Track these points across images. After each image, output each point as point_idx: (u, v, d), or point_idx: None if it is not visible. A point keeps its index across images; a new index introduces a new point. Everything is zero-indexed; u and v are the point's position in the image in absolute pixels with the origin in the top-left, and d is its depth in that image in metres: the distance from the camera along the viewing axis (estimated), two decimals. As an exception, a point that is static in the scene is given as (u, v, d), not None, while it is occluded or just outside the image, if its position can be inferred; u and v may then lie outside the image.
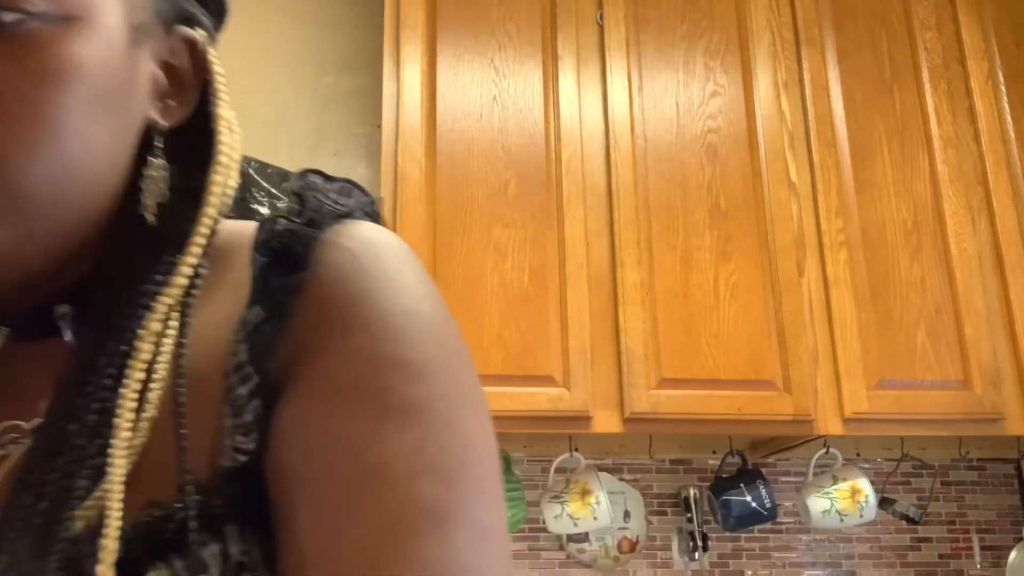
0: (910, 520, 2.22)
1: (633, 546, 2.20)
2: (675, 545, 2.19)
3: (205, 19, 0.53)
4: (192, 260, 0.47)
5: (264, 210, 1.77)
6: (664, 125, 2.09)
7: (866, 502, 2.06)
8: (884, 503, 2.19)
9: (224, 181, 0.50)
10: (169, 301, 0.46)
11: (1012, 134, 2.20)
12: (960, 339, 2.04)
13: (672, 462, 2.27)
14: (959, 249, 2.10)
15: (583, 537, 2.18)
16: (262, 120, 2.20)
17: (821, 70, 2.18)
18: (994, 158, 2.18)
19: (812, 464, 2.16)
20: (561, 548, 2.19)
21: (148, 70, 0.49)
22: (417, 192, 1.92)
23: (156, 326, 0.45)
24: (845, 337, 1.99)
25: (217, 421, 0.43)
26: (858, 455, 2.30)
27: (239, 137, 0.52)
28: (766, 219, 2.05)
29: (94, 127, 0.44)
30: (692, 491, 2.20)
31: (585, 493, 1.99)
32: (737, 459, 2.18)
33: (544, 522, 2.03)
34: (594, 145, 2.05)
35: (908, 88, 2.21)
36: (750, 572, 2.22)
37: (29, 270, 0.45)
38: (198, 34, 0.52)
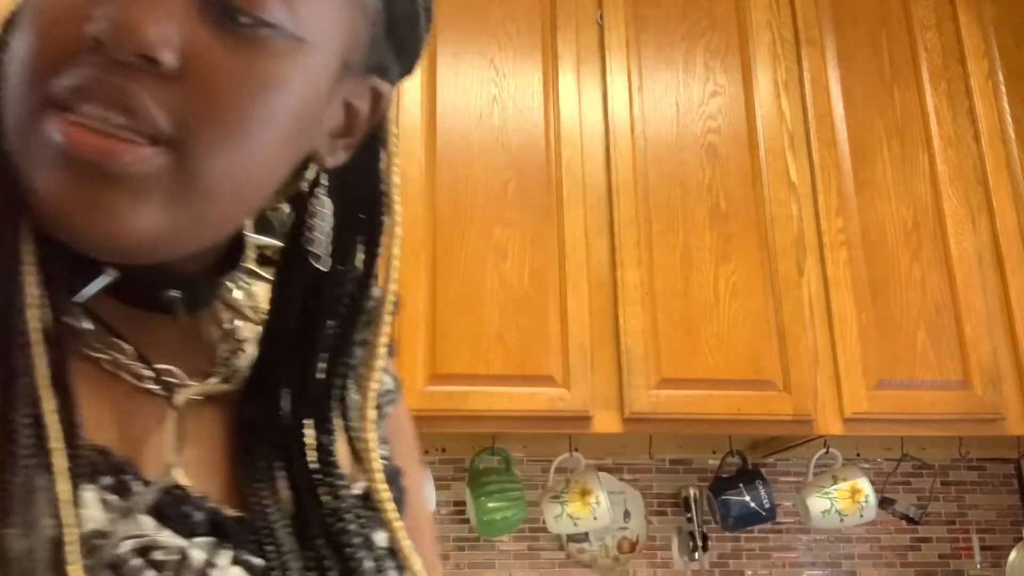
0: (910, 520, 2.22)
1: (633, 546, 2.20)
2: (675, 545, 2.19)
3: (394, 74, 0.55)
4: (387, 326, 0.56)
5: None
6: (664, 125, 2.09)
7: (866, 502, 2.06)
8: (884, 503, 2.19)
9: (396, 252, 0.55)
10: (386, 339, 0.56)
11: (1012, 134, 2.20)
12: (960, 339, 2.03)
13: (672, 462, 2.27)
14: (959, 249, 2.10)
15: (583, 537, 2.18)
16: (262, 120, 2.19)
17: (821, 70, 2.18)
18: (994, 158, 2.18)
19: (812, 464, 2.15)
20: (561, 548, 2.18)
21: (336, 106, 0.51)
22: (417, 192, 1.92)
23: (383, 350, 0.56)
24: (845, 337, 1.99)
25: None
26: (858, 455, 2.30)
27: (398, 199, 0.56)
28: (766, 219, 2.05)
29: (280, 143, 0.47)
30: (692, 491, 2.20)
31: (585, 493, 1.99)
32: (737, 459, 2.18)
33: (544, 522, 2.03)
34: (594, 145, 2.04)
35: (908, 88, 2.21)
36: (750, 572, 2.22)
37: (191, 250, 0.48)
38: (384, 87, 0.53)
